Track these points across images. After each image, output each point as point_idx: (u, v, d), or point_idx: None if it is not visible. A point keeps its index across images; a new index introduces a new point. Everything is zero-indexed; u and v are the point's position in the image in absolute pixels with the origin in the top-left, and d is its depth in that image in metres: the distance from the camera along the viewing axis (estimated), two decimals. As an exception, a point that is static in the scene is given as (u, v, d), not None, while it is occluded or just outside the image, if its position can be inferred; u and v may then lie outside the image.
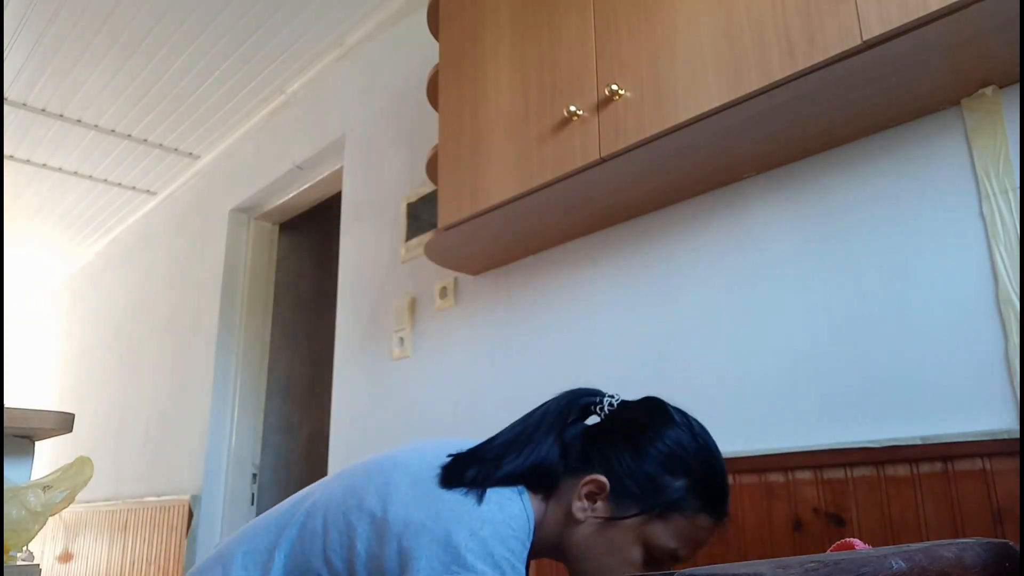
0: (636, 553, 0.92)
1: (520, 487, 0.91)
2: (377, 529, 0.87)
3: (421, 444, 1.02)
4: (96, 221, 4.64)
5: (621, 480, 0.92)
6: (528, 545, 0.87)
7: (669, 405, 1.00)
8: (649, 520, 0.91)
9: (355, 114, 2.81)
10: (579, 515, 0.93)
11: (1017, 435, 1.08)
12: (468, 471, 0.90)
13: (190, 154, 3.80)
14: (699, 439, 0.97)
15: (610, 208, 1.65)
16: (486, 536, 0.82)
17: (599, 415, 1.01)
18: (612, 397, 1.02)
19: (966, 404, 1.15)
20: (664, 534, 0.92)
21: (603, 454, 0.95)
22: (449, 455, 0.94)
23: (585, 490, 0.93)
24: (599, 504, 0.93)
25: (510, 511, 0.87)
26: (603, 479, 0.92)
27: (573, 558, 0.95)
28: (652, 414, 0.99)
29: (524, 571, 0.85)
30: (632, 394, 1.60)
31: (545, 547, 0.96)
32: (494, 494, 0.88)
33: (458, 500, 0.86)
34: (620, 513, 0.92)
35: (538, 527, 0.92)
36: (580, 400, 1.02)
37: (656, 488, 0.92)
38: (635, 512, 0.91)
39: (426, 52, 2.40)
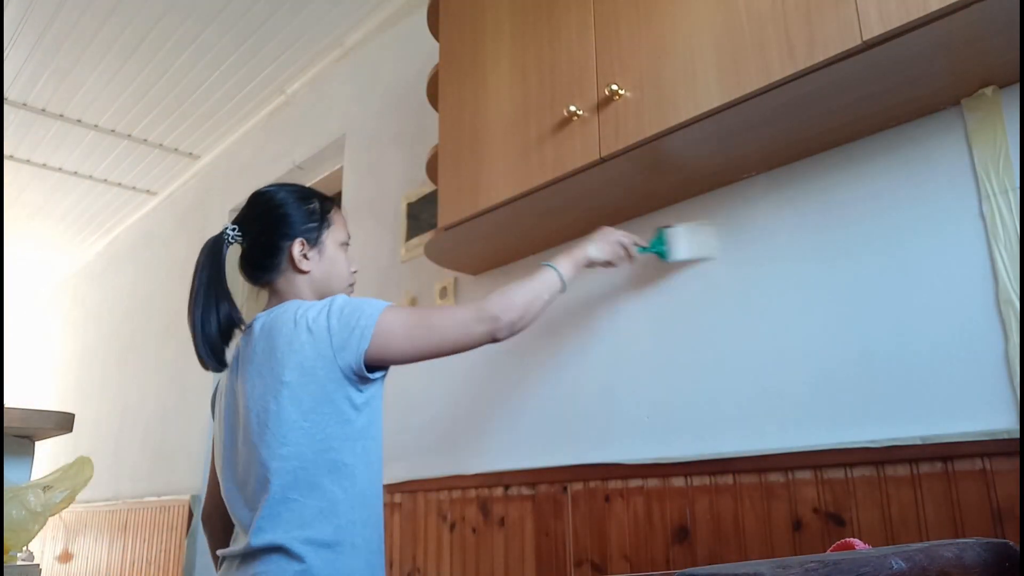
0: (342, 257, 1.36)
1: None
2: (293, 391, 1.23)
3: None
4: (96, 221, 4.64)
5: (303, 230, 1.32)
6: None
7: (257, 192, 1.37)
8: (327, 232, 1.34)
9: (355, 114, 2.81)
10: (308, 267, 1.32)
11: (1017, 435, 1.08)
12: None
13: (190, 154, 3.80)
14: (282, 185, 1.38)
15: (610, 208, 1.65)
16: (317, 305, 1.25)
17: (234, 241, 1.34)
18: (226, 228, 1.34)
19: (966, 404, 1.15)
20: (337, 232, 1.36)
21: (265, 237, 1.32)
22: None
23: (296, 254, 1.31)
24: (307, 253, 1.32)
25: (290, 305, 1.27)
26: (296, 239, 1.31)
27: (326, 288, 1.34)
28: (257, 204, 1.35)
29: None
30: (631, 395, 1.61)
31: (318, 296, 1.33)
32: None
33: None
34: (318, 243, 1.33)
35: (305, 299, 1.30)
36: (217, 248, 1.32)
37: (309, 214, 1.33)
38: (320, 236, 1.33)
39: (426, 52, 2.40)
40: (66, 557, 4.29)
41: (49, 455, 4.51)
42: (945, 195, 1.22)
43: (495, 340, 1.25)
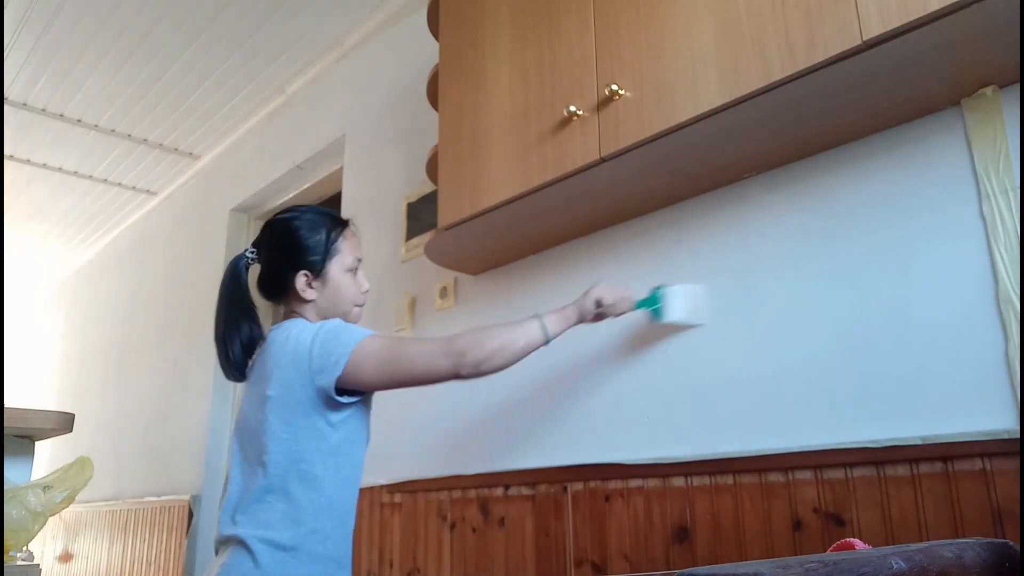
0: (349, 281, 1.41)
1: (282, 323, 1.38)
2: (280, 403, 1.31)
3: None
4: (96, 221, 4.64)
5: (307, 263, 1.36)
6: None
7: (276, 216, 1.42)
8: (332, 262, 1.38)
9: (355, 114, 2.81)
10: (311, 296, 1.37)
11: (1017, 435, 1.08)
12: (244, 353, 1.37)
13: (190, 154, 3.80)
14: (297, 212, 1.41)
15: (610, 208, 1.65)
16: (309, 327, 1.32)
17: (253, 262, 1.40)
18: (247, 251, 1.41)
19: (966, 404, 1.15)
20: (344, 258, 1.40)
21: (273, 267, 1.39)
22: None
23: (299, 285, 1.36)
24: (312, 283, 1.37)
25: (293, 323, 1.36)
26: (300, 272, 1.36)
27: (333, 313, 1.39)
28: (273, 230, 1.41)
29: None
30: (631, 395, 1.61)
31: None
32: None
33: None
34: (321, 273, 1.37)
35: (312, 320, 1.37)
36: (238, 269, 1.39)
37: (312, 248, 1.37)
38: (324, 267, 1.37)
39: (426, 52, 2.40)
40: (66, 557, 4.29)
41: (49, 455, 4.51)
42: (945, 195, 1.22)
43: (459, 377, 1.27)
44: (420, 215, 2.33)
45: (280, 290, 1.39)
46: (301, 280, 1.36)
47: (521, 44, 1.65)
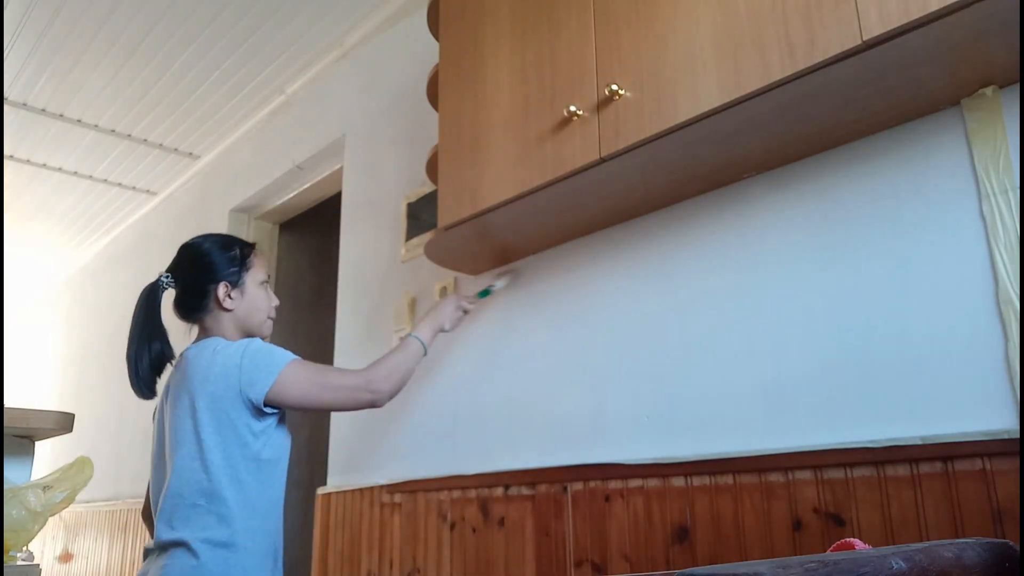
0: (263, 294, 1.61)
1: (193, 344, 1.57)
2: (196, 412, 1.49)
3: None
4: (96, 221, 4.64)
5: (226, 275, 1.56)
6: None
7: (187, 241, 1.64)
8: (247, 274, 1.58)
9: (355, 114, 2.81)
10: (232, 306, 1.56)
11: (1017, 435, 1.08)
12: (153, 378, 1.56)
13: (190, 154, 3.80)
14: (208, 236, 1.64)
15: (610, 208, 1.65)
16: (230, 345, 1.51)
17: (168, 287, 1.60)
18: (161, 276, 1.60)
19: (966, 404, 1.15)
20: (257, 273, 1.60)
21: (193, 282, 1.57)
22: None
23: (220, 295, 1.55)
24: (231, 293, 1.56)
25: (209, 342, 1.53)
26: (220, 283, 1.56)
27: (248, 322, 1.59)
28: (192, 252, 1.60)
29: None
30: (632, 395, 1.61)
31: (243, 336, 1.57)
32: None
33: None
34: (239, 284, 1.57)
35: (227, 335, 1.55)
36: (153, 294, 1.59)
37: (230, 261, 1.57)
38: (241, 279, 1.57)
39: (426, 52, 2.40)
40: (66, 557, 4.29)
41: (49, 455, 4.51)
42: (945, 195, 1.22)
43: (374, 406, 1.58)
44: (420, 215, 2.33)
45: (199, 306, 1.57)
46: (222, 290, 1.55)
47: (521, 44, 1.65)
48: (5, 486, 1.72)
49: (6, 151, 3.70)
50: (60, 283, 5.67)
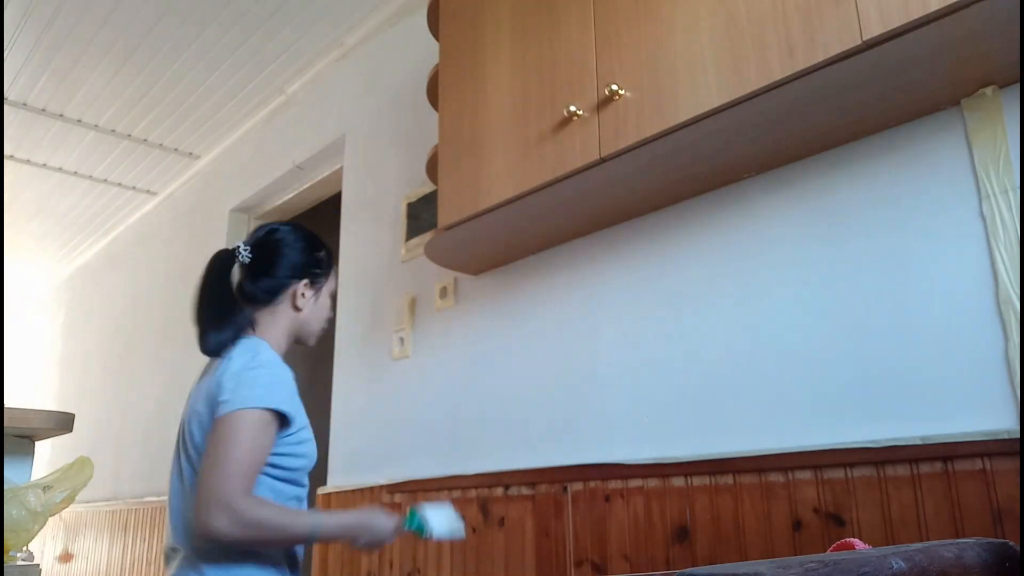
0: (329, 304, 1.48)
1: (242, 338, 1.35)
2: (201, 423, 1.30)
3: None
4: (96, 221, 4.64)
5: (302, 273, 1.42)
6: (280, 351, 1.39)
7: (273, 224, 1.46)
8: (326, 282, 1.47)
9: (355, 114, 2.81)
10: (303, 306, 1.42)
11: (1017, 435, 1.08)
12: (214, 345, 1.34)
13: (190, 154, 3.80)
14: (302, 228, 1.47)
15: (610, 208, 1.65)
16: (250, 359, 1.30)
17: (244, 262, 1.41)
18: (240, 247, 1.41)
19: (966, 404, 1.14)
20: (332, 283, 1.49)
21: (277, 271, 1.40)
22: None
23: (298, 293, 1.41)
24: (306, 293, 1.42)
25: (249, 345, 1.33)
26: (302, 281, 1.42)
27: (306, 328, 1.45)
28: (273, 237, 1.43)
29: (285, 364, 1.35)
30: (632, 396, 1.61)
31: (291, 340, 1.44)
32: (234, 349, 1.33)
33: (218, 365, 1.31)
34: (318, 288, 1.44)
35: (278, 337, 1.40)
36: (227, 263, 1.40)
37: (319, 262, 1.45)
38: (322, 283, 1.45)
39: (426, 52, 2.40)
40: (66, 557, 4.29)
41: (49, 455, 4.51)
42: (945, 195, 1.22)
43: (207, 533, 1.17)
44: (420, 215, 2.33)
45: (268, 297, 1.40)
46: (300, 287, 1.41)
47: (521, 44, 1.65)
48: (5, 486, 1.72)
49: (6, 151, 3.70)
50: (60, 283, 5.67)
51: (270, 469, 1.28)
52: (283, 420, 1.28)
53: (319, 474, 2.64)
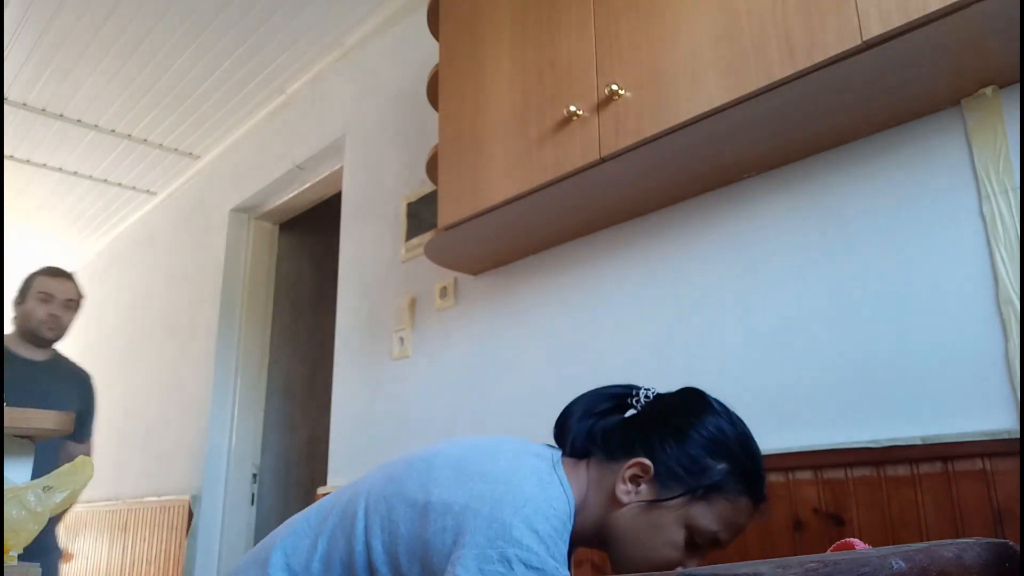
0: (679, 535, 0.92)
1: (556, 470, 0.93)
2: (419, 512, 0.89)
3: (460, 438, 1.07)
4: (96, 221, 4.63)
5: (665, 462, 0.93)
6: (570, 525, 0.89)
7: (707, 395, 1.01)
8: (692, 502, 0.92)
9: (355, 114, 2.81)
10: (623, 498, 0.94)
11: (1017, 435, 1.08)
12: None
13: (190, 154, 3.80)
14: (737, 426, 0.99)
15: (610, 208, 1.65)
16: (529, 513, 0.84)
17: (635, 407, 1.02)
18: (648, 390, 1.03)
19: (966, 404, 1.14)
20: (706, 516, 0.92)
21: (646, 439, 0.96)
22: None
23: (629, 473, 0.94)
24: (643, 487, 0.94)
25: (551, 492, 0.88)
26: (647, 462, 0.94)
27: (615, 540, 0.95)
28: (691, 402, 1.00)
29: (566, 550, 0.87)
30: (632, 394, 1.60)
31: (587, 531, 0.96)
32: (533, 476, 0.90)
33: (500, 482, 0.88)
34: (664, 495, 0.92)
35: (580, 510, 0.93)
36: (608, 392, 1.06)
37: (700, 469, 0.93)
38: (679, 493, 0.92)
39: (426, 52, 2.40)
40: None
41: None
42: (945, 195, 1.22)
43: None
44: (420, 215, 2.33)
45: (608, 453, 0.98)
46: (635, 470, 0.94)
47: (521, 44, 1.65)
48: (5, 486, 1.72)
49: (6, 151, 3.69)
50: (60, 283, 5.67)
51: None
52: None
53: (319, 474, 2.64)
